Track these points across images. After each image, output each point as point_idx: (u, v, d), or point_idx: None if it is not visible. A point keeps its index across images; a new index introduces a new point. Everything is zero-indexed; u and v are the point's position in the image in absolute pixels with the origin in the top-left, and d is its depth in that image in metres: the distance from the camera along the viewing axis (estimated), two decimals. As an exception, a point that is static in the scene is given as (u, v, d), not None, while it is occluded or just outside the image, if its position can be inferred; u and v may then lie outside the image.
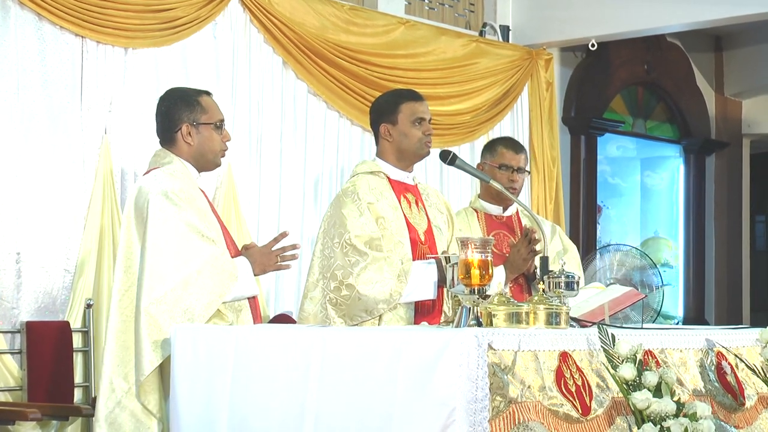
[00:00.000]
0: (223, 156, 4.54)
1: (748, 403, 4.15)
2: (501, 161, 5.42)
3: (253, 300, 4.45)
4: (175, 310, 4.12)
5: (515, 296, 4.89)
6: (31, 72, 5.64)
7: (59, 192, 5.71)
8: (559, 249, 5.40)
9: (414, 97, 4.97)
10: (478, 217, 5.46)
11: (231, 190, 6.29)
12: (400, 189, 4.92)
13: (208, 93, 4.57)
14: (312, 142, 6.91)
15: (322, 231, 4.80)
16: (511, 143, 5.60)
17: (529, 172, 5.47)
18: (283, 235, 4.52)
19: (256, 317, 4.46)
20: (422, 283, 4.70)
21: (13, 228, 5.52)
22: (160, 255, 4.18)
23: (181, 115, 4.43)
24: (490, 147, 5.62)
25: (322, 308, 4.66)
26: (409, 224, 4.86)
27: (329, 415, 3.57)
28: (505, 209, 5.51)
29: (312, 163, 6.90)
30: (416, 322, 4.71)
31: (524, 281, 5.25)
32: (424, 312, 4.76)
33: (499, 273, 5.06)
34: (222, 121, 4.50)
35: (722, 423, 3.78)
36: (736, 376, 4.15)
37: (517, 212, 5.54)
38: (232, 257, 4.36)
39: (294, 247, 4.49)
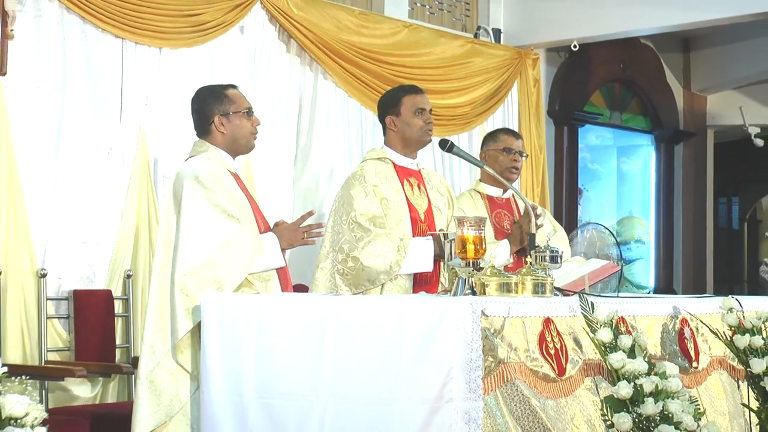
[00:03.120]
0: (255, 139, 4.57)
1: (701, 366, 4.16)
2: (504, 145, 5.43)
3: (281, 270, 4.46)
4: (204, 281, 4.14)
5: (515, 267, 4.92)
6: (77, 69, 5.64)
7: (101, 177, 5.71)
8: (549, 230, 5.39)
9: (414, 90, 4.98)
10: (482, 197, 5.47)
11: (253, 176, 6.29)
12: (403, 174, 4.93)
13: (233, 86, 4.59)
14: (330, 131, 6.89)
15: (333, 209, 4.82)
16: (511, 131, 5.68)
17: (528, 156, 5.51)
18: (310, 213, 4.59)
19: (285, 285, 4.48)
20: (420, 256, 4.71)
21: (60, 208, 5.53)
22: (190, 232, 4.20)
23: (212, 108, 4.47)
24: (492, 135, 5.63)
25: (331, 278, 4.68)
26: (410, 205, 4.87)
27: (343, 376, 3.59)
28: (504, 192, 5.51)
29: (328, 150, 6.87)
30: (414, 291, 4.73)
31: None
32: (421, 283, 4.77)
33: (504, 246, 5.12)
34: (249, 108, 4.53)
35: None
36: (694, 342, 4.16)
37: (513, 195, 5.55)
38: (263, 233, 4.38)
39: (319, 225, 4.59)
